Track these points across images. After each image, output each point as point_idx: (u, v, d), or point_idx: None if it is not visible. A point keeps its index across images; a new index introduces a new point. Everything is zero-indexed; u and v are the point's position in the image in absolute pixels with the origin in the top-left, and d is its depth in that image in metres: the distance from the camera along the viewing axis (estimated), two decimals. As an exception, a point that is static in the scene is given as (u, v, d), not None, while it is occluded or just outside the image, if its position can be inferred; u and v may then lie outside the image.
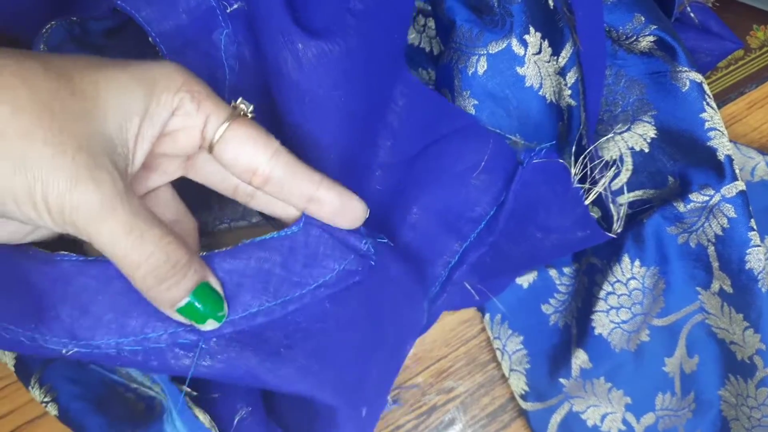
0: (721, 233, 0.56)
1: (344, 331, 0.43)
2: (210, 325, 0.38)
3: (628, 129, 0.57)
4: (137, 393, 0.47)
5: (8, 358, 0.49)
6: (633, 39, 0.54)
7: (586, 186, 0.53)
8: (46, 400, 0.48)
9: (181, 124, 0.38)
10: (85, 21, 0.49)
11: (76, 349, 0.38)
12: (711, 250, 0.56)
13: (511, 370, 0.62)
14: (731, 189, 0.53)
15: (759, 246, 0.55)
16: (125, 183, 0.35)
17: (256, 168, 0.39)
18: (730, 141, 0.58)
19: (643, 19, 0.54)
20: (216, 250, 0.40)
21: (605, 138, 0.58)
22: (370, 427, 0.47)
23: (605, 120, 0.58)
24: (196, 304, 0.37)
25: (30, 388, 0.48)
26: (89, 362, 0.40)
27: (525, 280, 0.63)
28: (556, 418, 0.61)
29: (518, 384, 0.62)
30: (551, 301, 0.63)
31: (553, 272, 0.64)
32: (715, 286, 0.58)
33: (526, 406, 0.62)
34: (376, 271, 0.44)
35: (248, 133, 0.38)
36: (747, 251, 0.55)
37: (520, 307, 0.63)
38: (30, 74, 0.33)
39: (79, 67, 0.35)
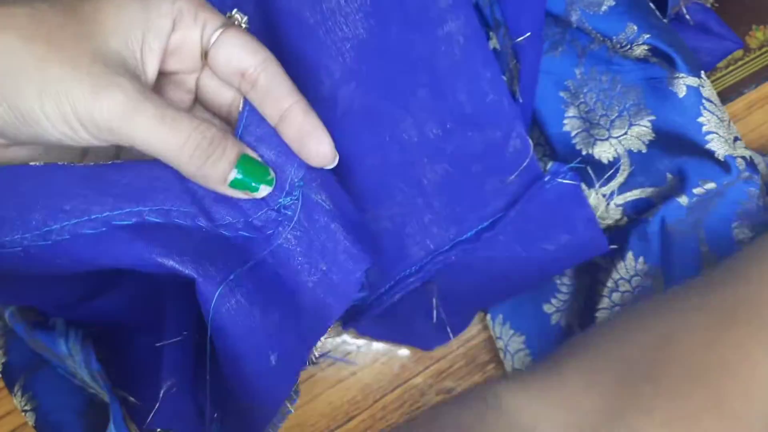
0: (718, 222, 0.56)
1: (250, 269, 0.43)
2: (264, 190, 0.42)
3: (625, 133, 0.57)
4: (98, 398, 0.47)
5: None
6: (627, 47, 0.55)
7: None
8: (26, 408, 0.48)
9: (182, 38, 0.40)
10: None
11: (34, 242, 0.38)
12: (701, 233, 0.56)
13: (514, 369, 0.61)
14: (734, 181, 0.55)
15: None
16: (144, 85, 0.38)
17: (245, 70, 0.41)
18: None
19: (635, 28, 0.55)
20: None
21: (602, 141, 0.58)
22: (284, 382, 0.46)
23: (601, 124, 0.58)
24: (245, 174, 0.40)
25: (13, 395, 0.48)
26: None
27: (526, 281, 0.63)
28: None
29: (517, 387, 0.61)
30: (553, 300, 0.62)
31: (553, 273, 0.64)
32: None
33: (524, 410, 0.61)
34: (296, 232, 0.44)
35: (241, 38, 0.41)
36: (733, 225, 0.56)
37: (522, 307, 0.62)
38: (38, 11, 0.36)
39: None
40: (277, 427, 0.51)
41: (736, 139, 0.56)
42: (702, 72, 0.55)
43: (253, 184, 0.41)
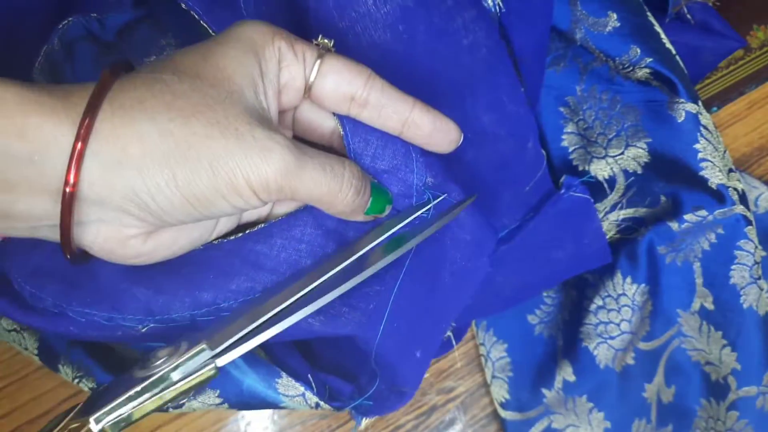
0: (708, 248, 0.57)
1: (399, 286, 0.46)
2: (387, 209, 0.43)
3: (622, 153, 0.57)
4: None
5: (30, 342, 0.51)
6: (630, 69, 0.54)
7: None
8: (79, 375, 0.50)
9: (288, 76, 0.39)
10: (104, 17, 0.52)
11: (152, 325, 0.40)
12: (696, 266, 0.58)
13: (494, 377, 0.62)
14: (726, 212, 0.54)
15: (744, 265, 0.56)
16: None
17: (353, 94, 0.40)
18: (738, 171, 0.58)
19: (638, 51, 0.54)
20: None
21: (598, 159, 0.58)
22: (425, 367, 0.50)
23: (599, 142, 0.58)
24: (374, 200, 0.42)
25: (60, 365, 0.50)
26: (164, 339, 0.42)
27: (513, 290, 0.64)
28: (535, 432, 0.62)
29: (499, 392, 0.62)
30: (537, 311, 0.64)
31: (540, 283, 0.64)
32: (696, 304, 0.59)
33: (504, 414, 0.62)
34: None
35: (341, 63, 0.40)
36: (732, 267, 0.56)
37: (506, 315, 0.64)
38: (167, 83, 0.34)
39: (194, 60, 0.36)
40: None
41: (730, 170, 0.55)
42: (699, 101, 0.55)
43: (382, 205, 0.42)
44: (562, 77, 0.59)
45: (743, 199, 0.55)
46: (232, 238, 0.42)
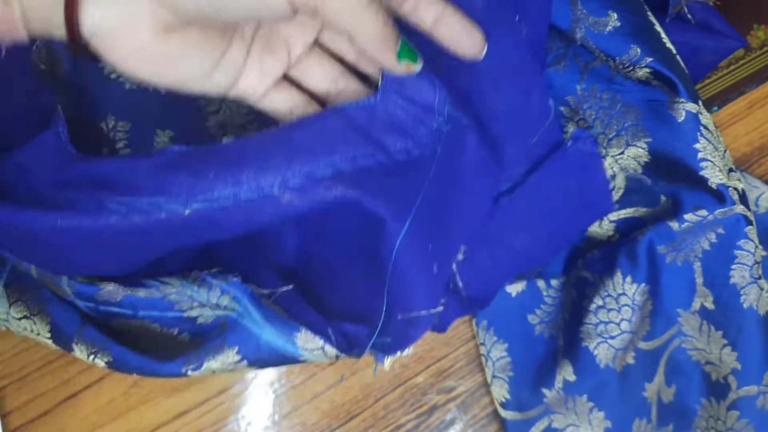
0: (708, 248, 0.57)
1: (427, 189, 0.47)
2: (419, 63, 0.43)
3: (621, 153, 0.57)
4: (195, 325, 0.51)
5: (41, 327, 0.51)
6: (630, 68, 0.54)
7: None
8: (93, 351, 0.50)
9: None
10: None
11: (196, 205, 0.41)
12: (697, 265, 0.58)
13: (494, 376, 0.62)
14: (726, 212, 0.54)
15: (745, 265, 0.56)
16: None
17: None
18: (738, 170, 0.58)
19: (639, 50, 0.54)
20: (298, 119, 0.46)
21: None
22: (441, 286, 0.51)
23: (599, 142, 0.58)
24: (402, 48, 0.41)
25: (74, 345, 0.50)
26: (205, 226, 0.43)
27: (513, 289, 0.63)
28: None
29: (499, 391, 0.62)
30: (537, 311, 0.64)
31: (540, 283, 0.64)
32: (696, 304, 0.59)
33: (505, 414, 0.62)
34: (451, 144, 0.49)
35: None
36: (732, 267, 0.56)
37: (507, 314, 0.63)
38: None
39: None
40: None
41: (731, 170, 0.55)
42: (699, 100, 0.55)
43: (414, 53, 0.42)
44: (563, 77, 0.59)
45: (743, 198, 0.55)
46: (267, 130, 0.44)
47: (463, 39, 0.43)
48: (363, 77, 0.50)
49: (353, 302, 0.50)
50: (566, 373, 0.60)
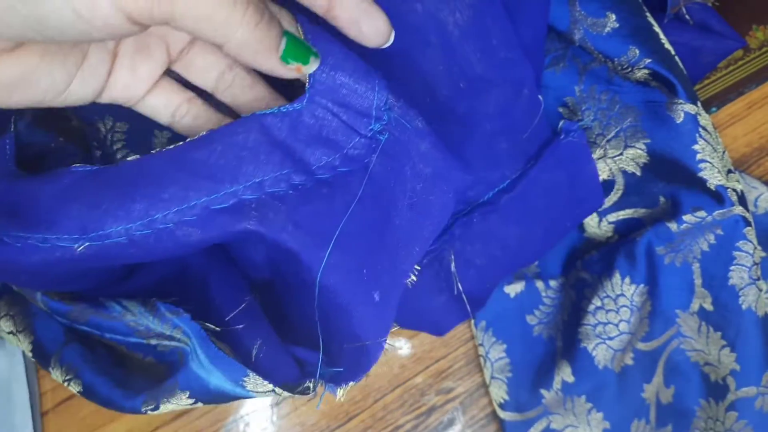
0: (707, 249, 0.57)
1: (351, 213, 0.43)
2: (314, 62, 0.38)
3: (620, 154, 0.57)
4: (156, 352, 0.48)
5: (25, 344, 0.51)
6: (628, 70, 0.54)
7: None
8: (68, 377, 0.49)
9: None
10: None
11: (87, 243, 0.38)
12: (695, 266, 0.58)
13: (493, 377, 0.62)
14: (725, 213, 0.54)
15: (743, 266, 0.56)
16: None
17: None
18: (737, 171, 0.58)
19: (637, 52, 0.54)
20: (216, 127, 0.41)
21: (597, 159, 0.58)
22: (388, 314, 0.46)
23: (598, 143, 0.58)
24: (290, 45, 0.36)
25: (50, 369, 0.49)
26: (103, 259, 0.40)
27: (512, 290, 0.64)
28: (533, 432, 0.62)
29: (498, 392, 0.62)
30: (536, 312, 0.64)
31: (539, 284, 0.64)
32: (695, 305, 0.59)
33: (503, 415, 0.62)
34: (390, 156, 0.44)
35: None
36: (731, 268, 0.56)
37: (506, 315, 0.64)
38: None
39: None
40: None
41: (729, 171, 0.55)
42: (698, 101, 0.55)
43: (304, 52, 0.37)
44: (561, 78, 0.59)
45: (742, 200, 0.55)
46: (171, 147, 0.40)
47: (364, 23, 0.39)
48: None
49: (305, 326, 0.48)
50: (565, 373, 0.60)
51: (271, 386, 0.45)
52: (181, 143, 0.40)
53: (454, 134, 0.53)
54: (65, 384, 0.49)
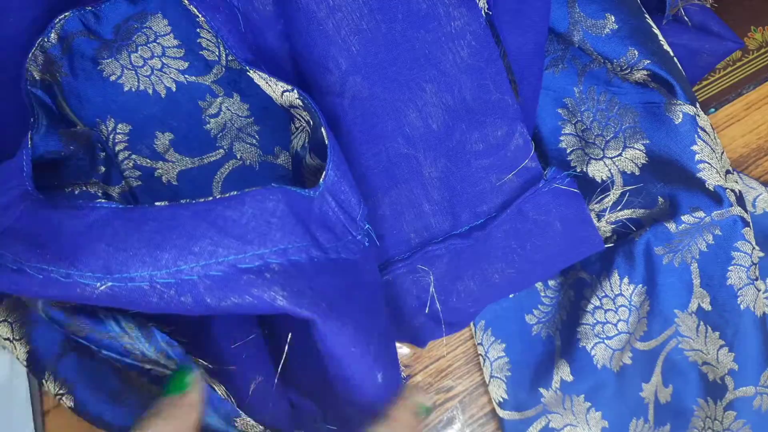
0: (705, 250, 0.57)
1: (348, 295, 0.45)
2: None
3: (619, 155, 0.57)
4: (151, 375, 0.47)
5: (20, 353, 0.51)
6: (627, 71, 0.54)
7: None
8: (61, 392, 0.49)
9: None
10: (98, 9, 0.52)
11: (110, 283, 0.39)
12: (694, 266, 0.58)
13: (492, 376, 0.63)
14: (723, 213, 0.54)
15: (742, 266, 0.56)
16: None
17: None
18: (736, 171, 0.58)
19: (636, 53, 0.54)
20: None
21: (596, 160, 0.58)
22: (388, 396, 0.47)
23: (596, 144, 0.58)
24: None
25: (44, 381, 0.49)
26: (120, 302, 0.40)
27: (511, 290, 0.64)
28: None
29: (497, 391, 0.63)
30: (535, 311, 0.64)
31: (538, 284, 0.65)
32: (693, 305, 0.59)
33: (502, 414, 0.62)
34: (363, 260, 0.48)
35: None
36: (729, 268, 0.56)
37: (505, 315, 0.64)
38: None
39: None
40: None
41: (728, 172, 0.55)
42: (697, 102, 0.55)
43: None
44: (561, 79, 0.59)
45: (740, 200, 0.55)
46: (202, 200, 0.41)
47: None
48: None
49: (306, 375, 0.50)
50: (564, 373, 0.60)
51: (261, 427, 0.46)
52: (211, 198, 0.41)
53: (442, 166, 0.56)
54: (57, 398, 0.49)
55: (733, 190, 0.54)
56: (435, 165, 0.56)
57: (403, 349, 0.64)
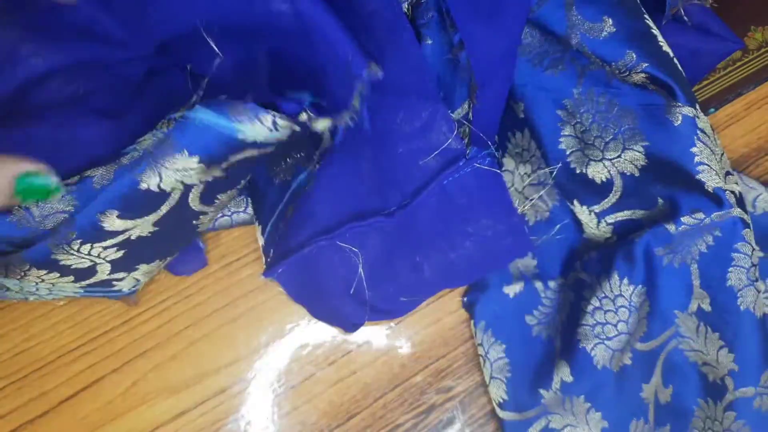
0: (705, 251, 0.57)
1: None
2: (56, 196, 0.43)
3: (619, 156, 0.57)
4: None
5: None
6: (626, 73, 0.54)
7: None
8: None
9: None
10: None
11: None
12: (693, 267, 0.58)
13: (492, 377, 0.63)
14: (723, 215, 0.54)
15: (741, 267, 0.56)
16: None
17: None
18: (736, 172, 0.58)
19: (634, 56, 0.55)
20: None
21: (595, 161, 0.58)
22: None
23: (596, 145, 0.58)
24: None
25: None
26: None
27: (511, 290, 0.64)
28: (532, 432, 0.62)
29: (497, 392, 0.63)
30: (535, 312, 0.64)
31: (538, 285, 0.65)
32: (693, 306, 0.59)
33: (503, 415, 0.62)
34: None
35: None
36: (729, 269, 0.56)
37: (505, 316, 0.64)
38: None
39: None
40: None
41: (728, 173, 0.55)
42: (696, 104, 0.55)
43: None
44: (560, 80, 0.59)
45: (740, 201, 0.55)
46: None
47: None
48: None
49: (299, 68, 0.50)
50: (564, 373, 0.60)
51: (270, 119, 0.45)
52: None
53: (370, 152, 0.57)
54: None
55: (732, 192, 0.54)
56: (368, 145, 0.56)
57: (403, 349, 0.64)
